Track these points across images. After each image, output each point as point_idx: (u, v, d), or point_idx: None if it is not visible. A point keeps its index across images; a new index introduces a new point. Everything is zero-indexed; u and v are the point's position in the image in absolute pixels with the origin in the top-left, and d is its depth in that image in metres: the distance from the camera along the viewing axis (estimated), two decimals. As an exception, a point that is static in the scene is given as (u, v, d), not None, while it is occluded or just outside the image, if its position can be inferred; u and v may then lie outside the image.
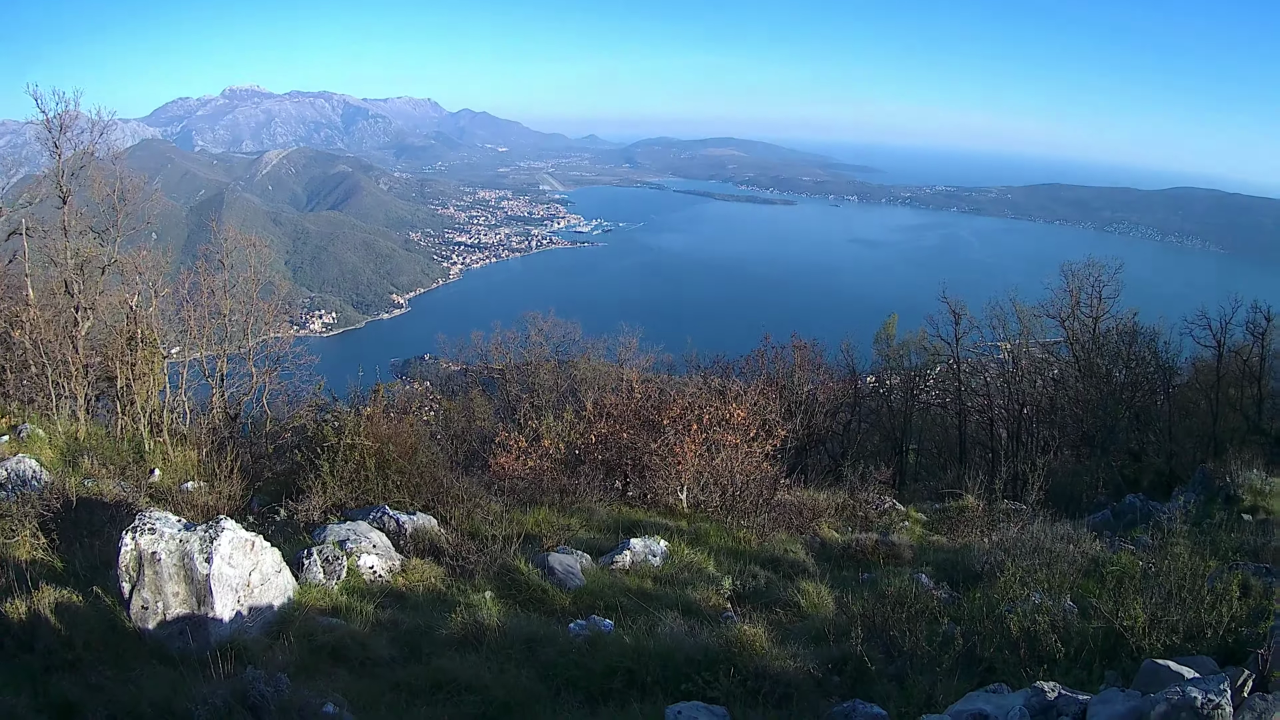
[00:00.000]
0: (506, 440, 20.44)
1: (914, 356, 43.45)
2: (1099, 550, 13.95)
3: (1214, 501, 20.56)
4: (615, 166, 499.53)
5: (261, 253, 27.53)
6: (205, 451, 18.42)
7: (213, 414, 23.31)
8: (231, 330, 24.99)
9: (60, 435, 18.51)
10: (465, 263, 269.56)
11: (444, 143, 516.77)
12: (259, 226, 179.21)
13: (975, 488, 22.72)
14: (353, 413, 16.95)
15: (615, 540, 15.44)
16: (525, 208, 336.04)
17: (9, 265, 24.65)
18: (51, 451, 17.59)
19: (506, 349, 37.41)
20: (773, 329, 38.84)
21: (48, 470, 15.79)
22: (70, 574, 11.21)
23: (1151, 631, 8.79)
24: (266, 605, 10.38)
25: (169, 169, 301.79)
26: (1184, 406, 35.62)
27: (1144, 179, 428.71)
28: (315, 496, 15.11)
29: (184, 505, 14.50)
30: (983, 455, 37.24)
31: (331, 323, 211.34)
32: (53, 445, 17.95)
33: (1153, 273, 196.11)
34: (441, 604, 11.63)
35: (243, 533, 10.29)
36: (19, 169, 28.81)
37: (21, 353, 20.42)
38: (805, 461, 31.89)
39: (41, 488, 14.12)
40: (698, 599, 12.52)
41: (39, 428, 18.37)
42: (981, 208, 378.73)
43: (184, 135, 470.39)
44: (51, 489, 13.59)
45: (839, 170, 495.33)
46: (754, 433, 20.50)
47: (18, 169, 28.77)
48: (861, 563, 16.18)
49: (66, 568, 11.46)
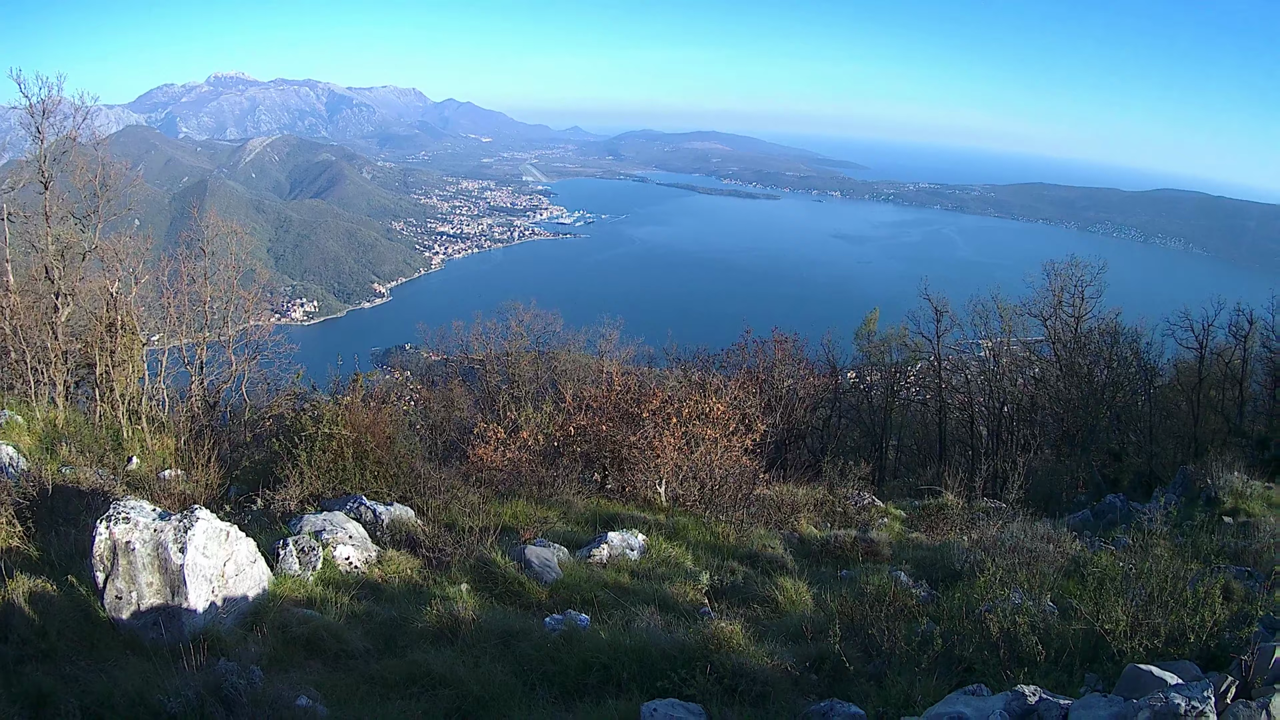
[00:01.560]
0: (485, 431, 20.35)
1: (895, 352, 43.51)
2: (1079, 550, 13.97)
3: (1195, 503, 20.68)
4: (599, 159, 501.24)
5: (243, 240, 27.41)
6: (183, 439, 18.40)
7: (192, 402, 23.23)
8: (212, 318, 24.85)
9: (39, 422, 18.37)
10: (447, 253, 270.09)
11: (428, 132, 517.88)
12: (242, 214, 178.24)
13: (955, 485, 22.79)
14: (331, 402, 16.88)
15: (593, 533, 15.43)
16: (508, 199, 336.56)
17: (-11, 251, 24.49)
18: (30, 438, 17.47)
19: (487, 339, 37.30)
20: (754, 322, 38.79)
21: (25, 457, 15.68)
22: (45, 563, 11.12)
23: (1133, 635, 8.74)
24: (241, 596, 10.30)
25: (152, 155, 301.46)
26: (1165, 407, 35.83)
27: (1129, 180, 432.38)
28: (292, 486, 15.02)
29: (161, 494, 14.43)
30: (963, 452, 37.41)
31: (313, 311, 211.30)
32: (31, 432, 17.82)
33: (1136, 273, 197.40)
34: (417, 596, 11.59)
35: (217, 523, 10.20)
36: (2, 154, 28.56)
37: (1, 338, 20.25)
38: (785, 456, 31.84)
39: (18, 475, 14.01)
40: (675, 594, 12.48)
41: (17, 414, 18.25)
42: (965, 205, 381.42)
43: (168, 122, 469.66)
44: (28, 476, 13.46)
45: (822, 166, 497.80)
46: (734, 427, 20.48)
47: (0, 154, 28.52)
48: (840, 559, 16.19)
49: (42, 556, 11.36)
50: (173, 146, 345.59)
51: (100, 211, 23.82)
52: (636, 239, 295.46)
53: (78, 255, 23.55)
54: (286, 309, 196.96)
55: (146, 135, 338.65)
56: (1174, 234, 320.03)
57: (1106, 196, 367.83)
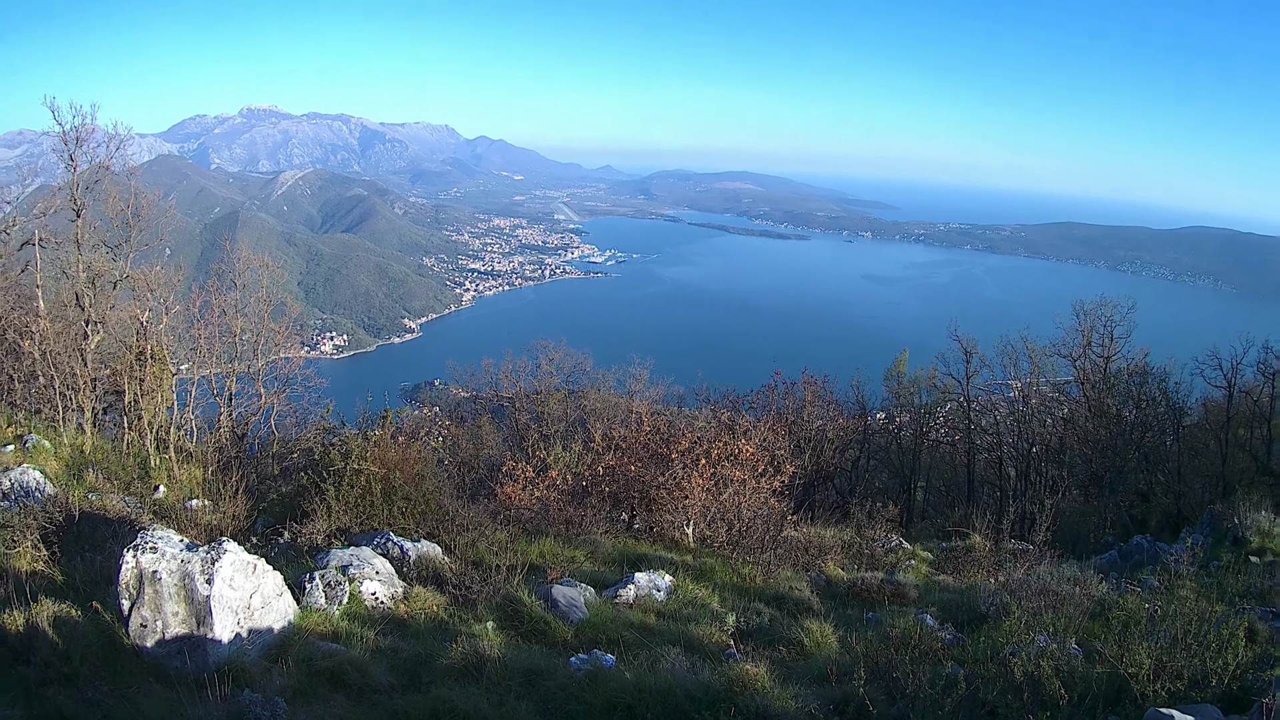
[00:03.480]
0: (513, 469, 20.36)
1: (924, 394, 43.32)
2: (1105, 592, 13.86)
3: (1222, 543, 20.48)
4: (631, 198, 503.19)
5: (274, 273, 27.61)
6: (211, 470, 18.42)
7: (220, 432, 23.36)
8: (241, 349, 25.01)
9: (66, 447, 18.50)
10: (478, 289, 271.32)
11: (460, 169, 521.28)
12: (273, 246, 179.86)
13: (983, 527, 22.65)
14: (360, 437, 16.92)
15: (620, 573, 15.38)
16: (540, 236, 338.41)
17: (21, 275, 24.77)
18: (56, 463, 17.58)
19: (517, 377, 37.37)
20: (784, 363, 38.76)
21: (52, 482, 15.79)
22: (70, 588, 11.15)
23: (1156, 678, 8.67)
24: (266, 628, 10.32)
25: (184, 185, 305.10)
26: (1193, 447, 35.45)
27: (1158, 218, 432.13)
28: (320, 520, 15.04)
29: (188, 523, 14.48)
30: (990, 494, 37.12)
31: (342, 345, 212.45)
32: (58, 457, 17.94)
33: (1165, 312, 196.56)
34: (443, 633, 11.56)
35: (245, 555, 10.24)
36: (35, 179, 28.94)
37: (30, 363, 20.45)
38: (813, 498, 31.74)
39: (44, 499, 14.07)
40: (701, 635, 12.42)
41: (45, 438, 18.37)
42: (995, 245, 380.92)
43: (200, 152, 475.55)
44: (55, 501, 13.51)
45: (853, 206, 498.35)
46: (762, 468, 20.40)
47: (33, 178, 28.91)
48: (867, 601, 16.09)
49: (67, 581, 11.41)
50: (205, 177, 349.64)
51: (132, 240, 24.11)
52: (667, 279, 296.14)
53: (109, 283, 23.80)
54: (316, 342, 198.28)
55: (179, 165, 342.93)
56: (1203, 271, 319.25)
57: (1135, 235, 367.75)
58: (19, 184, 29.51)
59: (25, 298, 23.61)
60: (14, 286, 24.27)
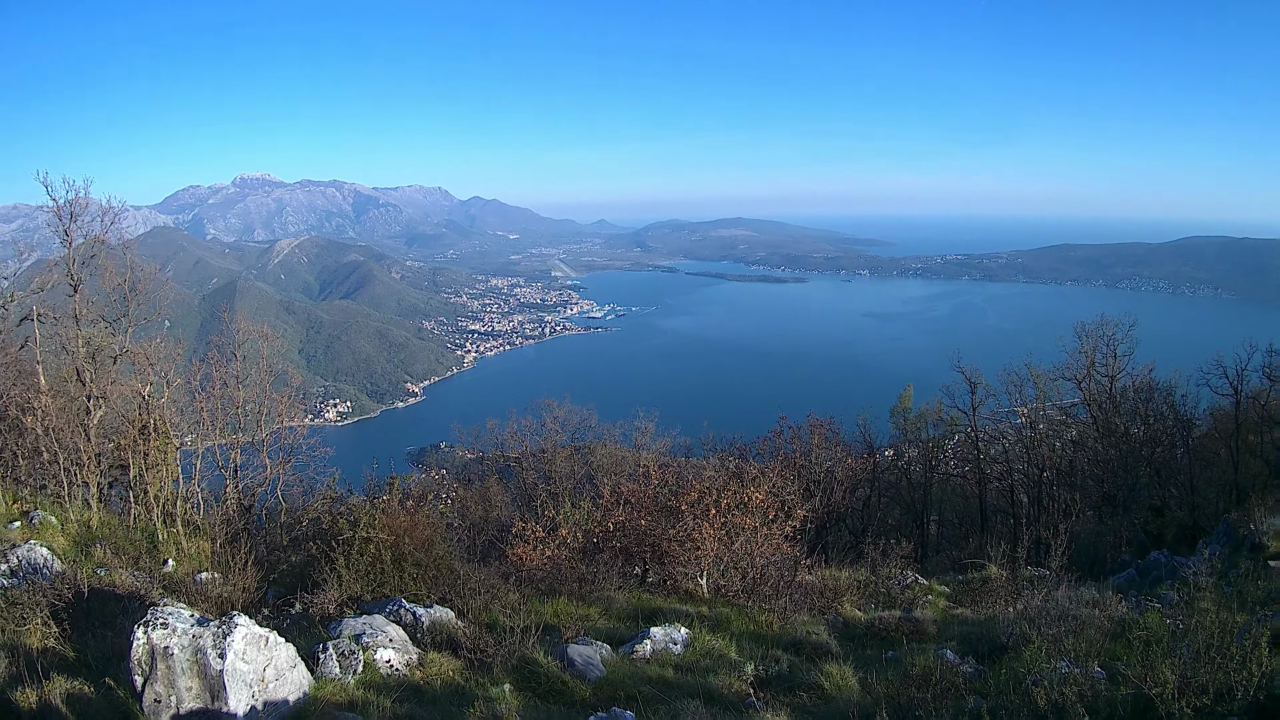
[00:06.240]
0: (523, 530, 20.31)
1: (931, 428, 43.37)
2: (1125, 612, 13.76)
3: (1239, 551, 20.43)
4: (627, 250, 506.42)
5: (274, 343, 27.59)
6: (219, 542, 18.37)
7: (227, 504, 23.26)
8: (245, 420, 24.97)
9: (73, 523, 18.47)
10: (479, 350, 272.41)
11: (455, 230, 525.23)
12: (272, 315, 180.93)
13: (998, 556, 22.52)
14: (368, 504, 16.88)
15: (635, 628, 15.27)
16: (538, 294, 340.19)
17: (20, 351, 24.82)
18: (64, 539, 17.58)
19: (522, 436, 37.32)
20: (789, 405, 38.92)
21: (59, 558, 15.77)
22: (82, 664, 11.16)
23: (1181, 695, 8.61)
24: (282, 700, 10.26)
25: (181, 257, 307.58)
26: (1204, 457, 35.44)
27: (1153, 231, 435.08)
28: (331, 589, 14.99)
29: (198, 597, 14.44)
30: (1004, 522, 37.03)
31: (346, 411, 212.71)
32: (65, 533, 17.94)
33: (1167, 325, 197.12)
34: (460, 697, 11.49)
35: (256, 628, 10.19)
36: (31, 253, 29.06)
37: (34, 439, 20.38)
38: (825, 539, 31.63)
39: (53, 576, 14.10)
40: (720, 686, 12.32)
41: (51, 515, 18.37)
42: (992, 273, 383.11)
43: (195, 223, 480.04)
44: (63, 578, 13.51)
45: (849, 245, 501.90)
46: (773, 515, 20.29)
47: (30, 253, 29.02)
48: (885, 640, 15.96)
49: (78, 658, 11.40)
50: (201, 248, 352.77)
51: (130, 314, 24.16)
52: (668, 330, 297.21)
53: (109, 357, 23.82)
54: (320, 410, 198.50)
55: (174, 237, 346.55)
56: (1202, 281, 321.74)
57: (1132, 251, 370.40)
58: (15, 259, 29.64)
59: (26, 374, 23.68)
60: (14, 363, 24.35)
